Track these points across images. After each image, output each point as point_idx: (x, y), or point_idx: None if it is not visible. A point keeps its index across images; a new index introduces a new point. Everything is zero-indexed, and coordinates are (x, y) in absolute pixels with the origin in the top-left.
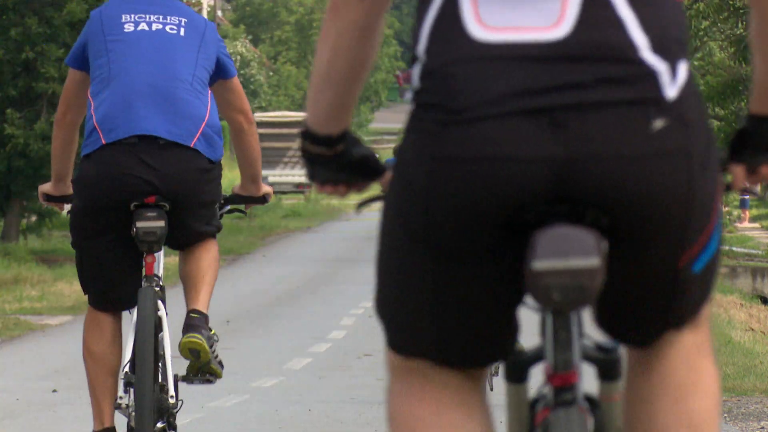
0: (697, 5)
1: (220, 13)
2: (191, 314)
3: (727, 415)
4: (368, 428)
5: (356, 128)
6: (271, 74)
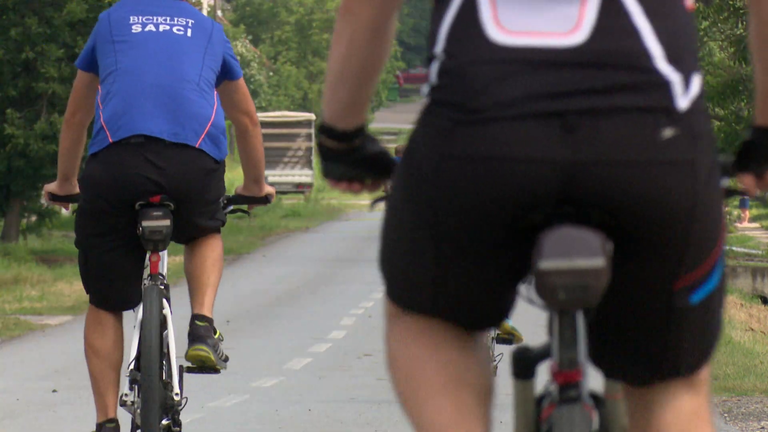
0: (697, 5)
1: (220, 13)
2: (197, 322)
3: (727, 415)
4: (368, 428)
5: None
6: (271, 74)
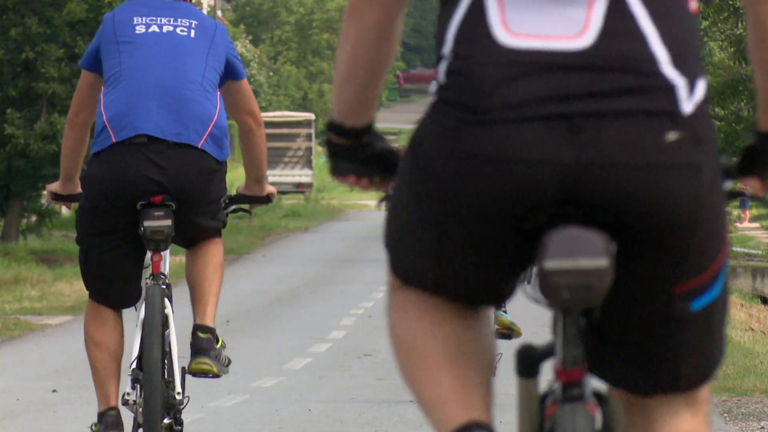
0: (697, 6)
1: (220, 13)
2: (199, 333)
3: (727, 415)
4: (368, 428)
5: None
6: (271, 74)
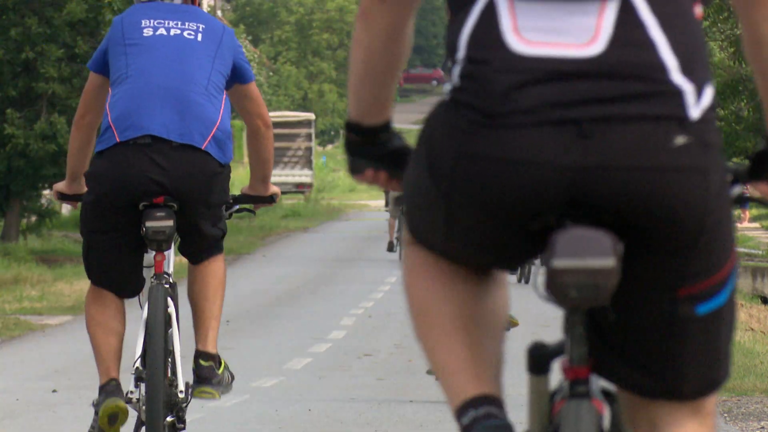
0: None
1: (220, 13)
2: (201, 361)
3: (727, 415)
4: (368, 428)
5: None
6: (271, 74)
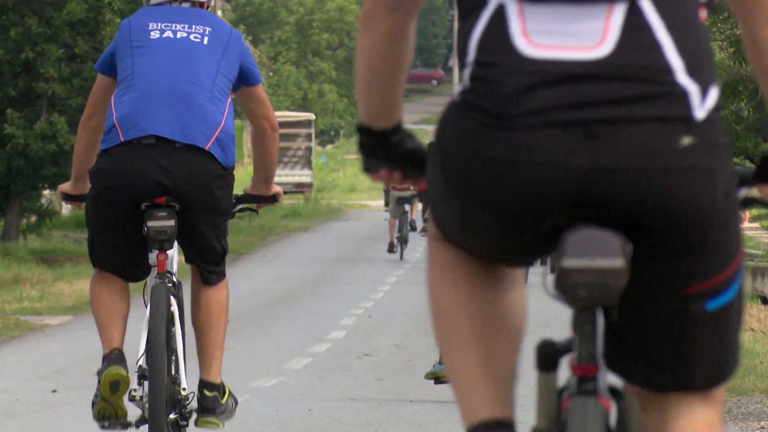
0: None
1: (220, 13)
2: (206, 392)
3: (727, 415)
4: (368, 428)
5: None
6: (271, 74)
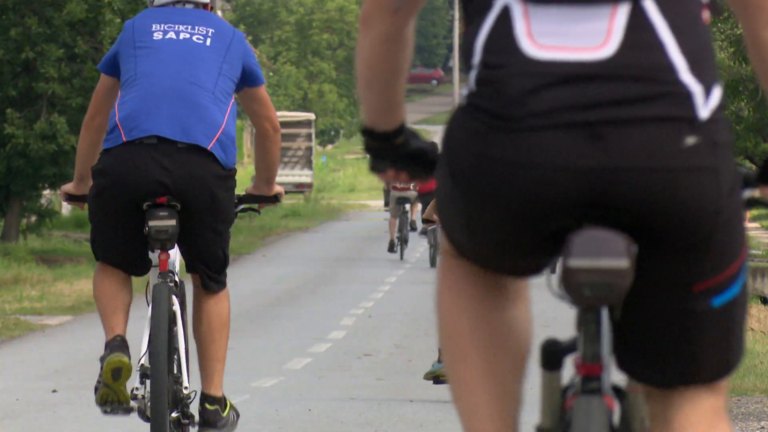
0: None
1: (220, 13)
2: (207, 405)
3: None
4: (368, 428)
5: (356, 128)
6: (271, 74)
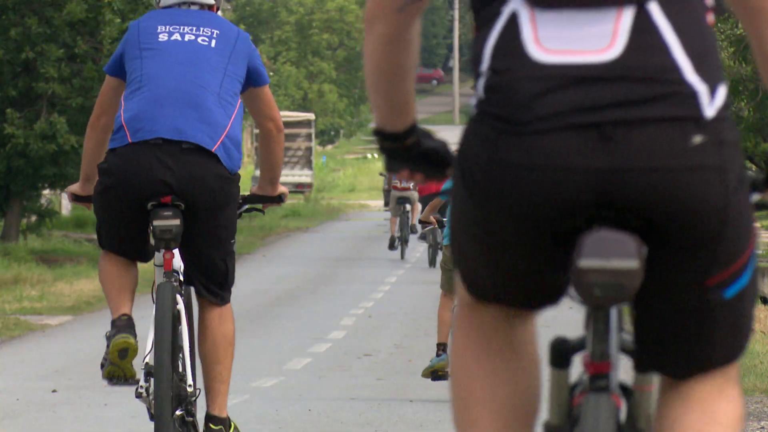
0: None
1: (220, 13)
2: (211, 426)
3: None
4: (368, 428)
5: (356, 128)
6: (271, 74)
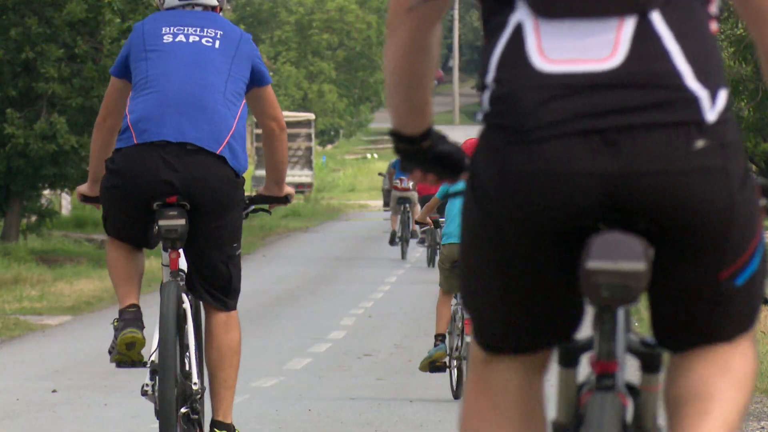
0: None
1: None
2: (215, 430)
3: None
4: (368, 428)
5: (356, 128)
6: (271, 74)
